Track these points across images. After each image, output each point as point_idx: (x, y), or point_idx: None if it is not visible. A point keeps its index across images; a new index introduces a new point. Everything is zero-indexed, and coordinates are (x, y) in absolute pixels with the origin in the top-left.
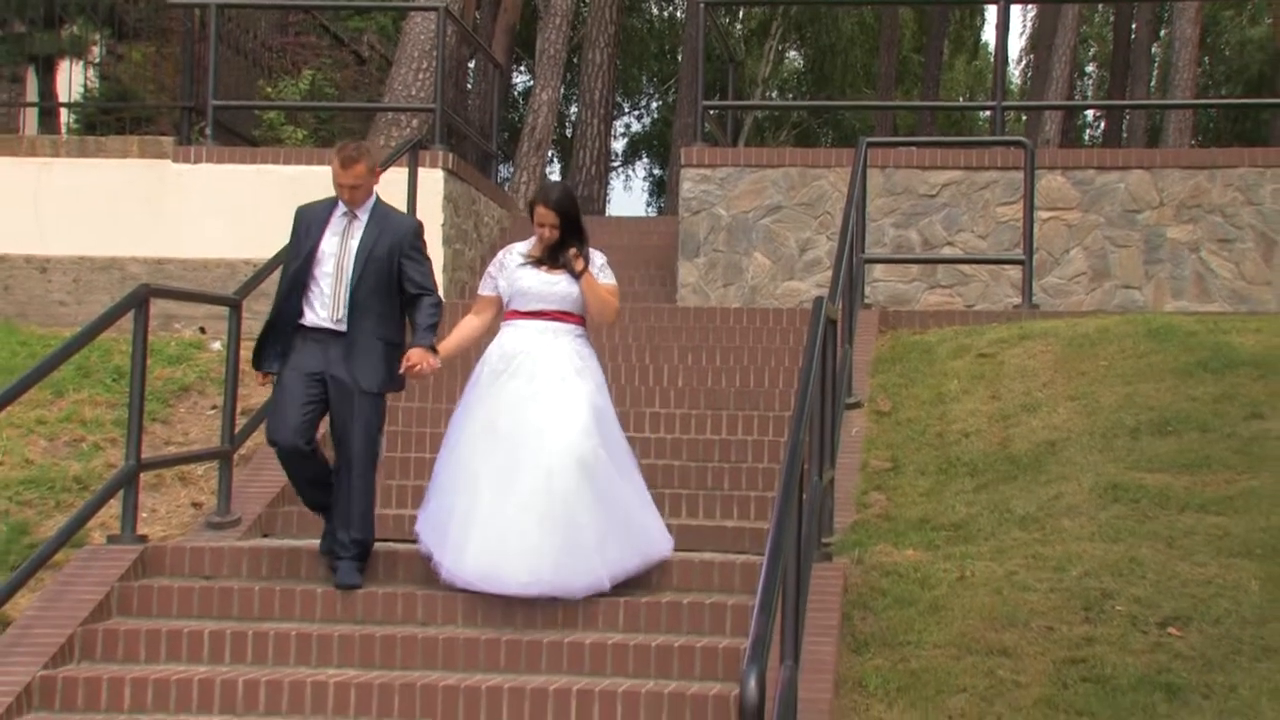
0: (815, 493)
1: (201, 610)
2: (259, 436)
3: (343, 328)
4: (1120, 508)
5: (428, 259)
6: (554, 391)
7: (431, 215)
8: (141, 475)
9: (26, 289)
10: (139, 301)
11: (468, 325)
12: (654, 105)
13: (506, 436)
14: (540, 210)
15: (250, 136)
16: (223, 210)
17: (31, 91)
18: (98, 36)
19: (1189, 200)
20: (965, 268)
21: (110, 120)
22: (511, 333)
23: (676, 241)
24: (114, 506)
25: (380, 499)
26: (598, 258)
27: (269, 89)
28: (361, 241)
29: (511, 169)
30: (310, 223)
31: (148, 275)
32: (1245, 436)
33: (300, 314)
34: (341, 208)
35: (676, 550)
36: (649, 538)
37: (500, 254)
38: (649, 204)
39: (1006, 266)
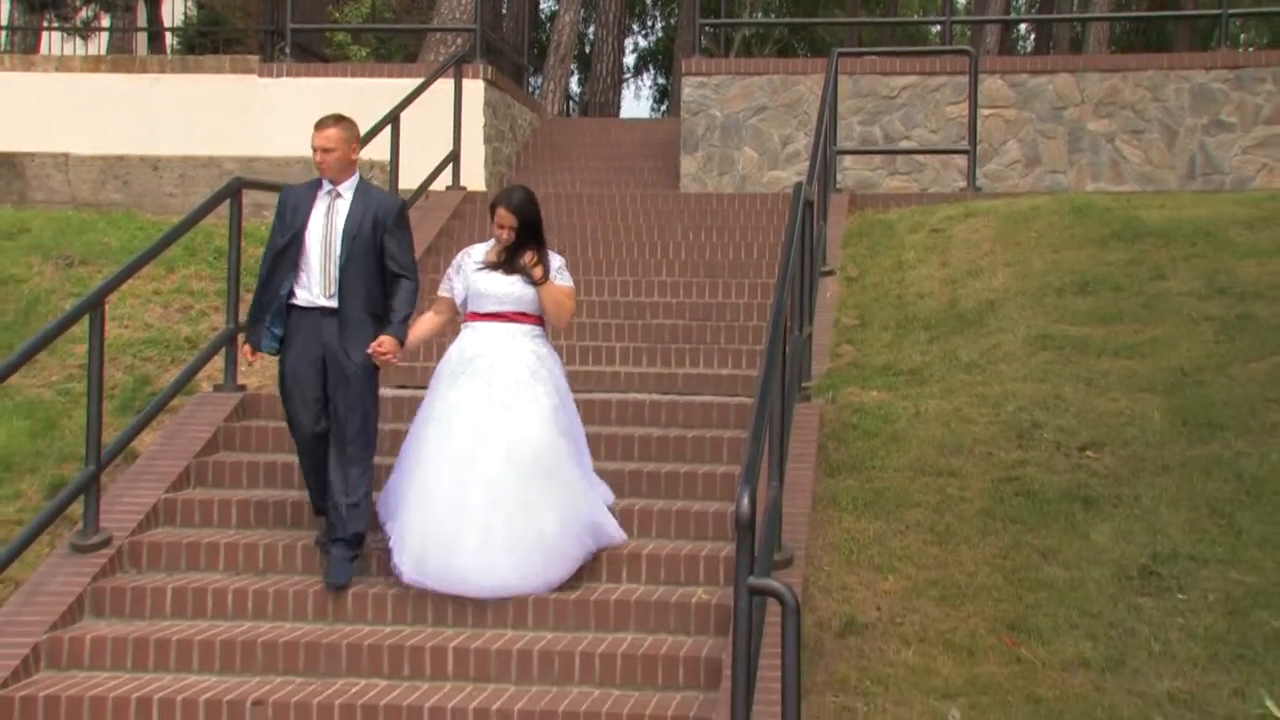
0: (796, 345)
1: (292, 446)
2: None
3: (335, 304)
4: (1048, 354)
5: (409, 235)
6: (509, 394)
7: (474, 118)
8: (239, 335)
9: (142, 183)
10: (233, 192)
11: (425, 323)
12: (659, 25)
13: (461, 439)
14: (500, 212)
15: (322, 54)
16: (300, 116)
17: (141, 19)
18: None
19: (1106, 98)
20: (920, 157)
21: (206, 42)
22: (470, 335)
23: (679, 139)
24: (218, 362)
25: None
26: (555, 260)
27: (337, 14)
28: (348, 219)
29: (540, 79)
30: (296, 203)
31: (240, 170)
32: (1151, 294)
33: (291, 294)
34: (325, 186)
35: (682, 394)
36: (602, 531)
37: (459, 256)
38: (654, 108)
39: (954, 156)
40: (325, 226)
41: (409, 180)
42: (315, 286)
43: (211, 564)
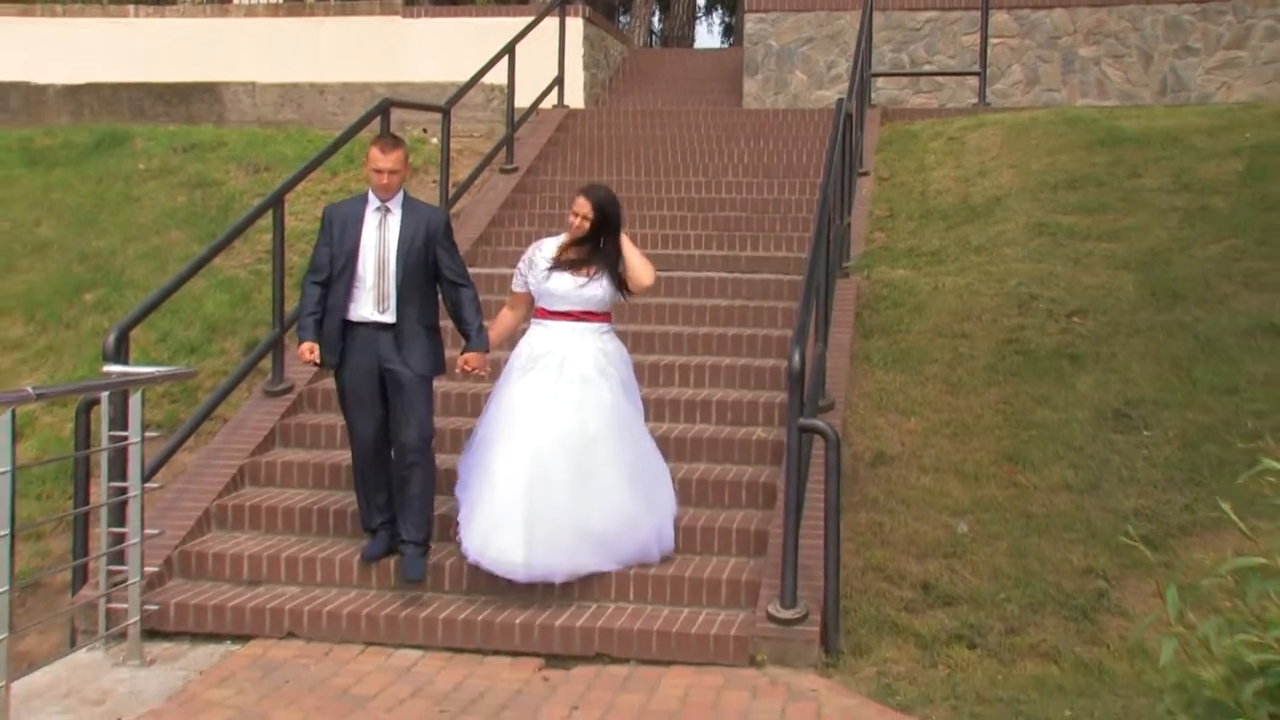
0: (838, 231)
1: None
2: (466, 198)
3: (389, 318)
4: (1043, 239)
5: (457, 247)
6: (577, 391)
7: (575, 50)
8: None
9: (311, 105)
10: (382, 110)
11: (505, 321)
12: None
13: (531, 435)
14: (579, 201)
15: None
16: (435, 50)
17: None
18: None
19: (1094, 29)
20: (939, 78)
21: None
22: (540, 332)
23: (742, 65)
24: None
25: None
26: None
27: None
28: (400, 234)
29: (628, 17)
30: (345, 220)
31: (388, 93)
32: (1128, 189)
33: (345, 310)
34: (374, 202)
35: (744, 273)
36: (661, 517)
37: (530, 250)
38: (722, 41)
39: (968, 78)
40: (379, 242)
41: (523, 99)
42: (369, 302)
43: None
